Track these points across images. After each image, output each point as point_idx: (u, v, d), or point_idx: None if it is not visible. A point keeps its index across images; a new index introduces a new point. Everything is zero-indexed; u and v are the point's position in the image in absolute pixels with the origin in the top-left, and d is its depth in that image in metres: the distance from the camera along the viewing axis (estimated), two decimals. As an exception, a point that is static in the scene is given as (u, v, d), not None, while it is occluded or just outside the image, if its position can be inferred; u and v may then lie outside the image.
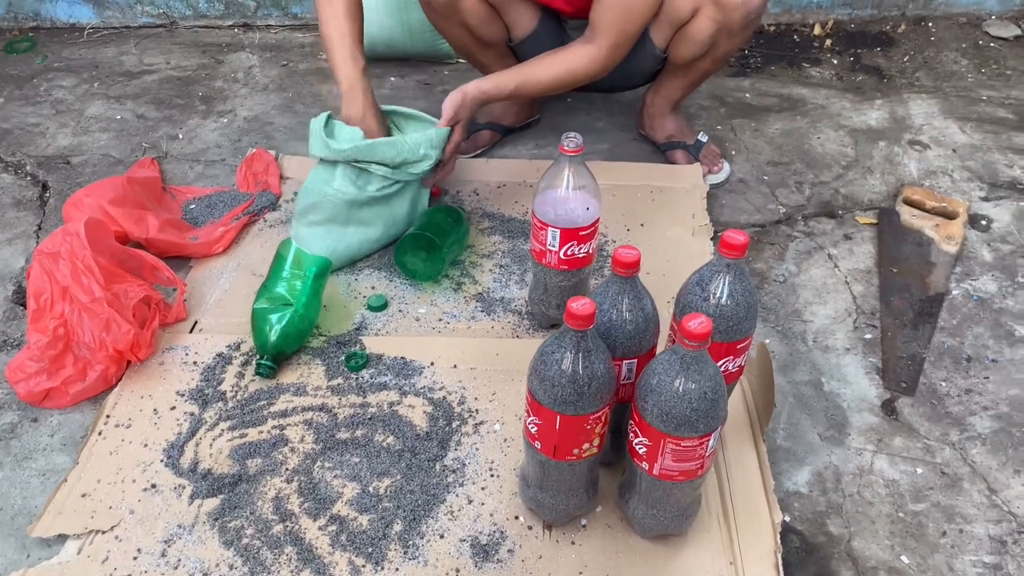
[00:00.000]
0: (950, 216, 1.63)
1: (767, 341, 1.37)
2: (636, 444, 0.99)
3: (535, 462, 1.04)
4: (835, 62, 2.24)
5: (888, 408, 1.27)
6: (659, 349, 1.04)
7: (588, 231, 1.26)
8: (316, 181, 1.46)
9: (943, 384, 1.31)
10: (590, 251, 1.28)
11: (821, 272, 1.52)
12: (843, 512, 1.13)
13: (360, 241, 1.50)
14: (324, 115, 1.48)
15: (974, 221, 1.64)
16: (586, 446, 0.99)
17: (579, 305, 0.91)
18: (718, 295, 1.02)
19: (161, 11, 2.35)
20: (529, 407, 0.99)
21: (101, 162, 1.82)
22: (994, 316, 1.43)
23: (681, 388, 0.91)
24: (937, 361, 1.34)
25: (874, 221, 1.64)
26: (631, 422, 0.99)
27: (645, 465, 0.99)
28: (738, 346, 1.06)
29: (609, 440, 1.10)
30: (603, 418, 0.98)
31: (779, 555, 1.04)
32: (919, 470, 1.18)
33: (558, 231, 1.24)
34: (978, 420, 1.25)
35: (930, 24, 2.39)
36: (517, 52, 1.69)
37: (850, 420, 1.25)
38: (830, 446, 1.21)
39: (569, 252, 1.26)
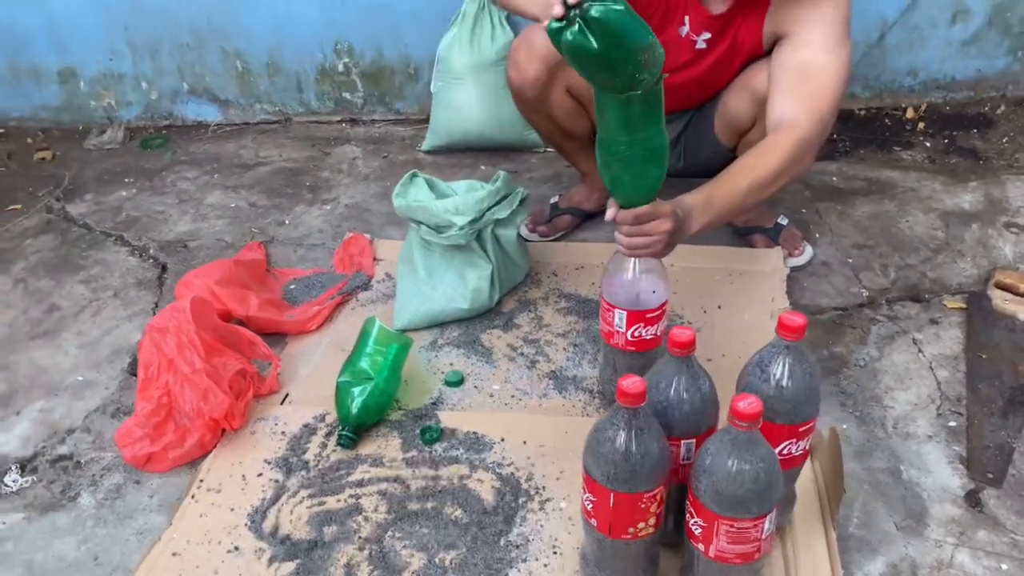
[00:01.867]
0: (1046, 301, 1.57)
1: (843, 426, 1.35)
2: (692, 524, 0.99)
3: (592, 540, 1.05)
4: (928, 145, 2.21)
5: (972, 499, 1.21)
6: (718, 430, 1.05)
7: (655, 314, 1.29)
8: (411, 233, 1.63)
9: (1034, 476, 1.25)
10: (658, 333, 1.31)
11: (904, 357, 1.49)
12: (919, 607, 1.08)
13: (441, 307, 1.59)
14: (410, 173, 1.64)
15: (1074, 306, 1.57)
16: (641, 525, 1.00)
17: (630, 383, 0.94)
18: (777, 377, 1.02)
19: (277, 108, 2.57)
20: (585, 484, 1.01)
21: (215, 246, 1.98)
22: (1094, 406, 1.36)
23: (734, 468, 0.92)
24: (1028, 452, 1.28)
25: (963, 306, 1.60)
26: (687, 503, 1.00)
27: (701, 547, 0.99)
28: (800, 429, 1.05)
29: (672, 521, 1.11)
30: (658, 497, 0.99)
31: (846, 648, 1.01)
32: (1004, 566, 1.12)
33: (625, 313, 1.28)
34: (1072, 516, 1.18)
35: (1032, 105, 2.34)
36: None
37: (930, 510, 1.20)
38: (907, 537, 1.17)
39: (636, 334, 1.29)
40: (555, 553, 1.17)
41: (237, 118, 2.60)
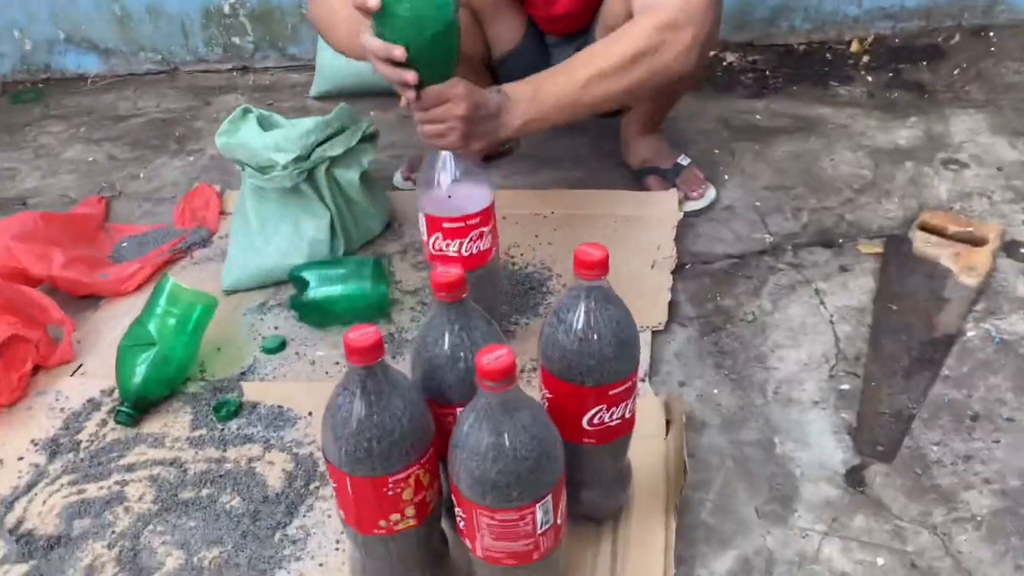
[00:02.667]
0: (976, 243, 1.33)
1: (715, 391, 1.12)
2: (456, 516, 0.77)
3: (349, 536, 0.84)
4: (869, 79, 1.97)
5: (854, 477, 0.99)
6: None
7: (457, 225, 1.08)
8: (243, 178, 1.39)
9: (934, 448, 1.02)
10: (474, 250, 1.10)
11: (801, 310, 1.26)
12: (770, 613, 0.86)
13: (274, 262, 1.37)
14: (241, 107, 1.42)
15: (1011, 249, 1.34)
16: (395, 517, 0.78)
17: (356, 335, 0.72)
18: (579, 327, 0.80)
19: (162, 57, 2.34)
20: (327, 467, 0.79)
21: (56, 202, 1.76)
22: (1020, 363, 1.13)
23: (483, 443, 0.70)
24: (931, 419, 1.06)
25: (880, 250, 1.37)
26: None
27: (468, 543, 0.77)
28: (610, 392, 0.83)
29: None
30: (413, 481, 0.77)
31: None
32: (880, 560, 0.90)
33: (424, 219, 1.11)
34: (975, 496, 0.95)
35: (991, 34, 2.08)
36: (497, 71, 1.53)
37: (800, 491, 0.98)
38: (768, 524, 0.95)
39: (437, 246, 1.10)
40: (337, 549, 0.96)
41: (121, 69, 2.37)
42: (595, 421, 0.84)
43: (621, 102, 1.18)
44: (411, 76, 1.01)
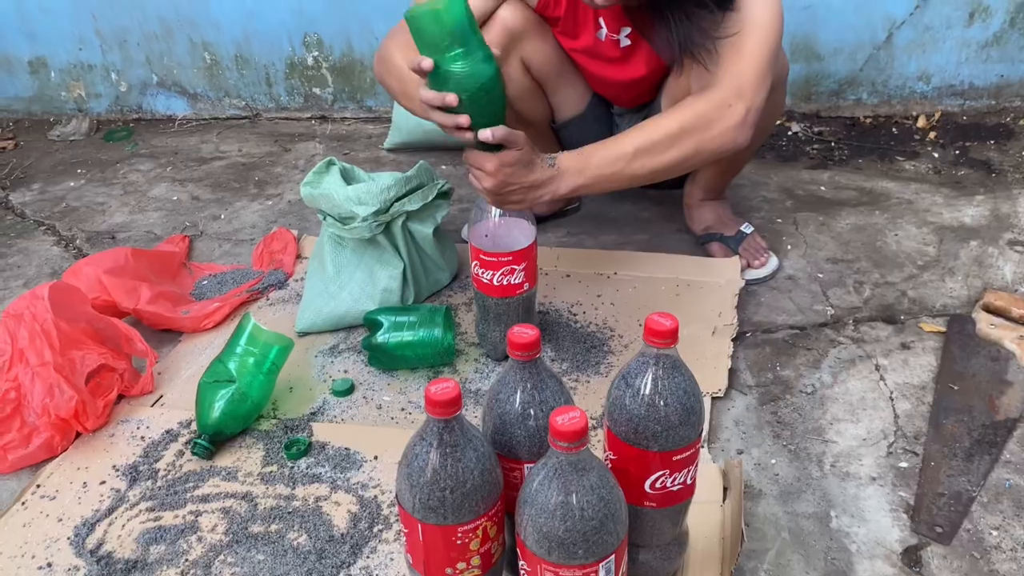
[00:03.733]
0: (1041, 327, 1.33)
1: (773, 461, 1.14)
2: (520, 568, 0.80)
3: (414, 579, 0.87)
4: (936, 155, 1.98)
5: (911, 557, 0.99)
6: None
7: (491, 259, 1.25)
8: (323, 226, 1.48)
9: (993, 533, 1.02)
10: (505, 282, 1.26)
11: (861, 385, 1.27)
12: None
13: (347, 308, 1.43)
14: (326, 160, 1.49)
15: (1077, 335, 1.33)
16: (461, 566, 0.82)
17: (439, 388, 0.76)
18: (646, 393, 0.84)
19: (245, 103, 2.46)
20: (399, 512, 0.83)
21: (142, 238, 1.86)
22: (1084, 452, 1.12)
23: (552, 501, 0.73)
24: (991, 503, 1.06)
25: (942, 329, 1.37)
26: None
27: (530, 597, 0.80)
28: (674, 458, 0.85)
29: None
30: (480, 532, 0.81)
31: None
32: (936, 644, 0.90)
33: (469, 247, 1.28)
34: (1034, 585, 0.95)
35: (1060, 116, 2.09)
36: (560, 134, 1.60)
37: (856, 568, 0.99)
38: (822, 599, 0.96)
39: (476, 271, 1.28)
40: (398, 593, 0.99)
41: (206, 112, 2.50)
42: (657, 485, 0.86)
43: (671, 175, 1.23)
44: (464, 119, 1.10)
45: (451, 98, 1.08)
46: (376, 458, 1.18)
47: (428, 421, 0.78)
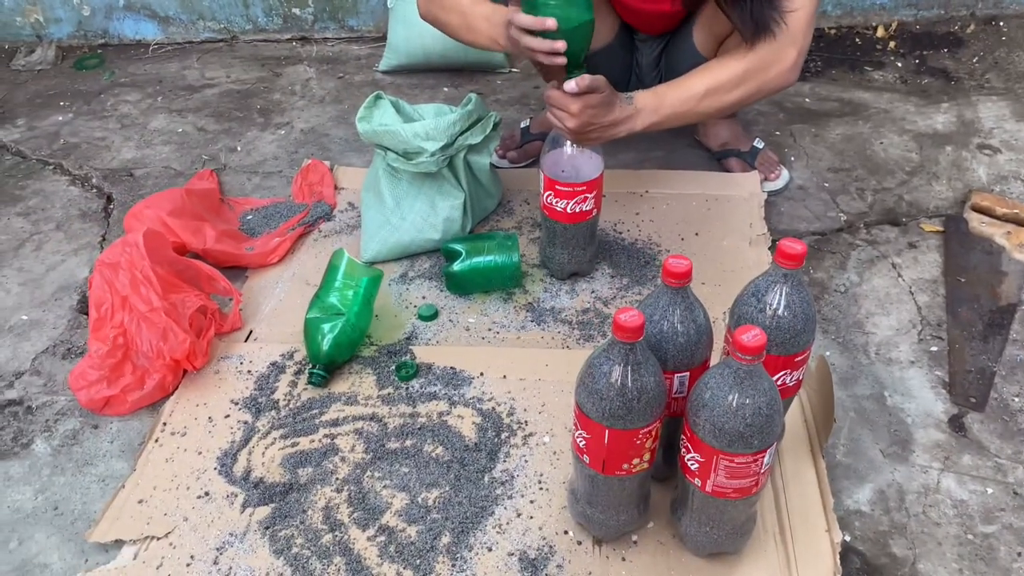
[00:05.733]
0: (1022, 223, 1.56)
1: (827, 353, 1.33)
2: (688, 460, 0.96)
3: (584, 476, 1.02)
4: (899, 65, 2.17)
5: (956, 424, 1.21)
6: (713, 361, 1.01)
7: (566, 188, 1.36)
8: (376, 159, 1.55)
9: (1015, 399, 1.25)
10: (578, 209, 1.38)
11: (884, 282, 1.47)
12: (907, 532, 1.08)
13: (411, 238, 1.52)
14: (374, 95, 1.54)
15: (1049, 228, 1.57)
16: (636, 461, 0.97)
17: (627, 317, 0.89)
18: (774, 306, 0.99)
19: (222, 26, 2.41)
20: (577, 420, 0.97)
21: (163, 174, 1.86)
22: (1071, 328, 1.36)
23: (735, 403, 0.89)
24: (1009, 375, 1.28)
25: (940, 229, 1.58)
26: (683, 437, 0.97)
27: (697, 482, 0.96)
28: (796, 359, 1.02)
29: (661, 455, 1.08)
30: (653, 433, 0.96)
31: (839, 576, 1.00)
32: (989, 490, 1.12)
33: (543, 177, 1.38)
34: (1054, 438, 1.19)
35: (1001, 23, 2.30)
36: (588, 63, 1.67)
37: (914, 436, 1.20)
38: (893, 463, 1.16)
39: (549, 201, 1.39)
40: (541, 488, 1.14)
41: (179, 36, 2.43)
42: (778, 383, 1.03)
43: (730, 112, 1.36)
44: (561, 44, 1.19)
45: (551, 23, 1.17)
46: (482, 374, 1.31)
47: (614, 343, 0.91)
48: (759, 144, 1.74)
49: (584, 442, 0.97)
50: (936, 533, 1.08)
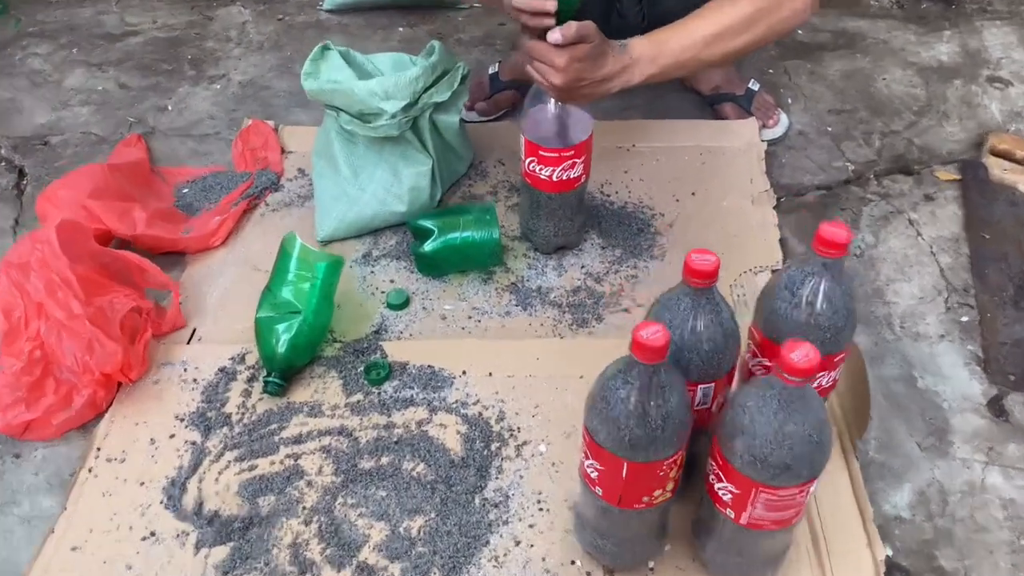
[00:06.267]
0: (1045, 168, 1.42)
1: (847, 330, 1.19)
2: (719, 489, 0.82)
3: (595, 507, 0.87)
4: (894, -12, 2.00)
5: (996, 407, 1.09)
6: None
7: (552, 155, 1.18)
8: (327, 119, 1.35)
9: (1058, 376, 1.13)
10: (564, 177, 1.21)
11: (901, 242, 1.33)
12: (954, 541, 0.96)
13: (373, 211, 1.34)
14: (320, 46, 1.33)
15: (1072, 172, 1.43)
16: (658, 493, 0.82)
17: (650, 333, 0.73)
18: (812, 302, 0.84)
19: (142, -37, 2.13)
20: (588, 449, 0.82)
21: (83, 141, 1.63)
22: (1107, 287, 1.24)
23: (780, 431, 0.74)
24: (1048, 347, 1.16)
25: (957, 177, 1.44)
26: (712, 463, 0.82)
27: (730, 513, 0.82)
28: (835, 359, 0.88)
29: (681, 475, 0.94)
30: (679, 461, 0.81)
31: (886, 603, 0.88)
32: (1041, 486, 1.01)
33: (523, 141, 1.20)
34: (1104, 419, 1.07)
35: (999, -61, 2.13)
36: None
37: (952, 424, 1.07)
38: (932, 457, 1.04)
39: (532, 167, 1.21)
40: (541, 510, 1.00)
41: (93, -24, 2.15)
42: (815, 385, 0.89)
43: (738, 58, 1.18)
44: (552, 3, 1.01)
45: None
46: (465, 373, 1.15)
47: (633, 364, 0.75)
48: (754, 86, 1.57)
49: (597, 474, 0.83)
50: (986, 540, 0.96)
